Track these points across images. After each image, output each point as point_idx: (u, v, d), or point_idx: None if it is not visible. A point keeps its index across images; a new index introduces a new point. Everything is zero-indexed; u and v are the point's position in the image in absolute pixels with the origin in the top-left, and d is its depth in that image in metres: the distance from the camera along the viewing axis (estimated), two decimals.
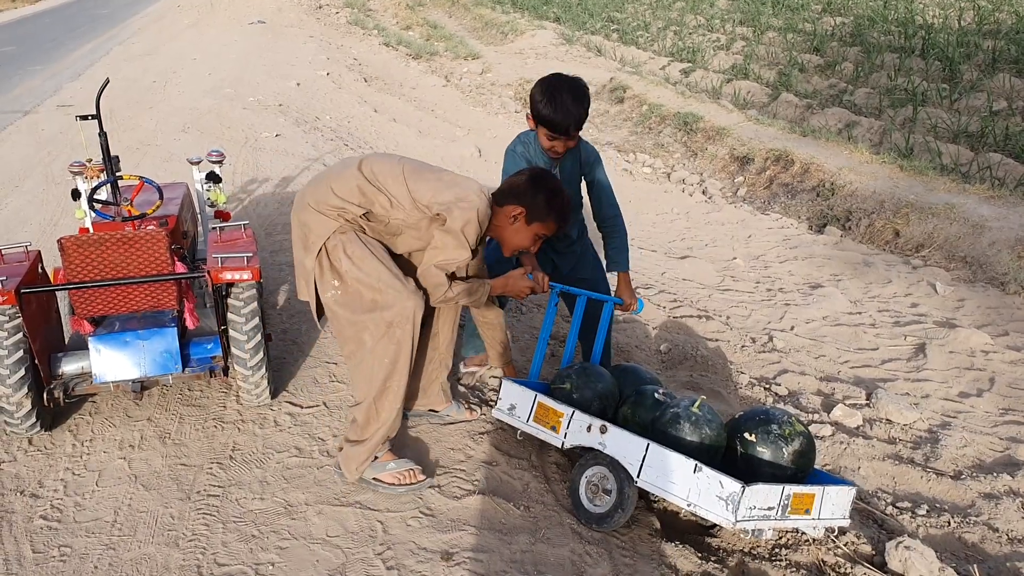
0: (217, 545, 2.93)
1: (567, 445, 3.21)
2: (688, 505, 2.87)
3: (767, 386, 4.68)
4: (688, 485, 2.87)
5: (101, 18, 20.36)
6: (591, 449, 3.15)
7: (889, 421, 4.50)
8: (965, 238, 6.94)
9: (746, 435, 3.08)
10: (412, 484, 3.21)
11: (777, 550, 3.27)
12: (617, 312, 4.35)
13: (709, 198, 8.81)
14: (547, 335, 3.72)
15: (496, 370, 4.08)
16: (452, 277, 3.22)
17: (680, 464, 2.89)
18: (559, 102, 3.43)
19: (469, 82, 13.11)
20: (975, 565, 3.29)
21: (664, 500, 3.10)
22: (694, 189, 9.11)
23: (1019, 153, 8.74)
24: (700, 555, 3.08)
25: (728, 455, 3.13)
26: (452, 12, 21.60)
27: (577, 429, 3.19)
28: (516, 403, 3.39)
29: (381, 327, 3.08)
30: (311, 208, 3.12)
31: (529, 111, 3.58)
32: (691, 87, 12.94)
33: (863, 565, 3.18)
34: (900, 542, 3.20)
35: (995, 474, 4.02)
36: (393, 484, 3.20)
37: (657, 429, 3.13)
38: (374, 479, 3.22)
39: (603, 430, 3.10)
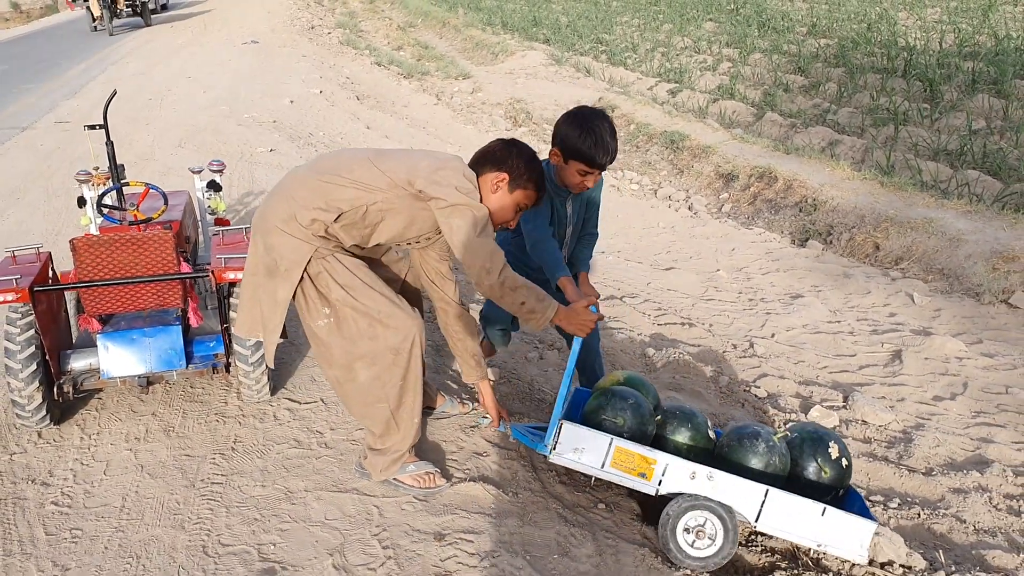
0: (221, 528, 3.09)
1: (662, 492, 3.11)
2: (819, 546, 3.05)
3: (747, 388, 4.86)
4: (816, 527, 3.03)
5: (95, 38, 20.53)
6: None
7: (865, 422, 4.67)
8: (943, 251, 7.15)
9: (819, 461, 3.26)
10: (430, 488, 3.21)
11: (753, 536, 3.43)
12: None
13: (695, 214, 9.01)
14: (574, 366, 3.30)
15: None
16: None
17: (806, 508, 3.02)
18: (598, 136, 3.26)
19: (460, 101, 13.33)
20: (940, 551, 3.46)
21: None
22: (680, 205, 9.31)
23: (996, 170, 8.99)
24: None
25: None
26: (443, 33, 21.86)
27: (676, 477, 3.08)
28: (583, 447, 3.11)
29: (387, 356, 2.97)
30: (279, 231, 2.90)
31: (556, 146, 3.37)
32: (678, 107, 13.18)
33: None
34: None
35: (965, 471, 4.19)
36: (412, 486, 3.21)
37: (744, 465, 3.18)
38: (394, 479, 3.24)
39: (711, 477, 3.05)
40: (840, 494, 3.32)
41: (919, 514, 3.79)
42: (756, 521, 3.07)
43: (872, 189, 8.52)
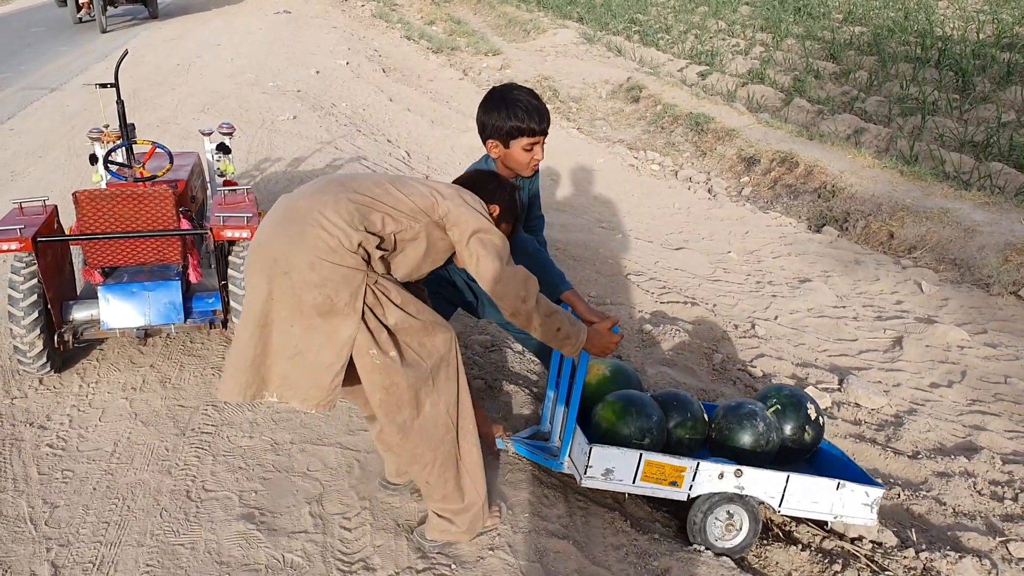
0: (206, 474, 3.20)
1: (692, 496, 3.09)
2: (835, 518, 3.17)
3: (742, 368, 4.89)
4: (832, 501, 3.14)
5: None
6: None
7: (857, 405, 4.69)
8: (956, 241, 7.11)
9: (803, 424, 3.40)
10: (499, 519, 3.01)
11: None
12: None
13: (713, 196, 9.00)
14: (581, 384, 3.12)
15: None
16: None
17: (823, 485, 3.12)
18: (522, 103, 3.10)
19: (487, 77, 13.35)
20: (914, 530, 3.49)
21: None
22: (699, 187, 9.30)
23: (1022, 163, 8.88)
24: (652, 505, 3.32)
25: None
26: (477, 9, 21.83)
27: (706, 479, 3.07)
28: (613, 466, 3.01)
29: (441, 371, 2.71)
30: (326, 263, 2.49)
31: (491, 138, 3.15)
32: (707, 89, 13.11)
33: (807, 524, 3.40)
34: None
35: (952, 456, 4.21)
36: (494, 525, 2.97)
37: (745, 448, 3.26)
38: None
39: (738, 474, 3.08)
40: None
41: (899, 495, 3.82)
42: (780, 506, 3.13)
43: (892, 178, 8.46)
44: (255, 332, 2.60)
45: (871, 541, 3.35)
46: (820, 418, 3.39)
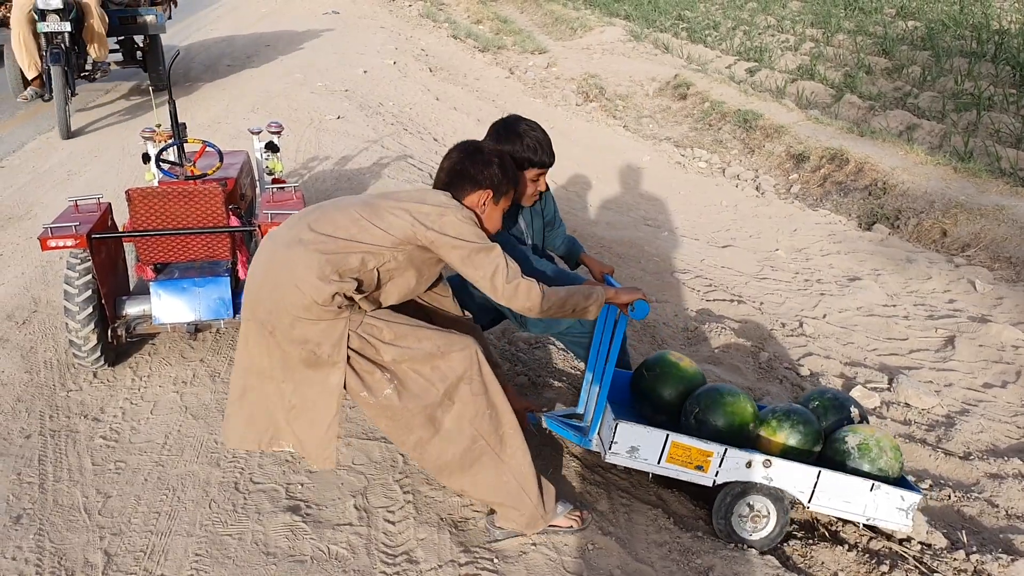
0: (254, 467, 3.25)
1: (718, 482, 3.06)
2: (868, 520, 3.12)
3: (788, 366, 4.84)
4: (865, 502, 3.09)
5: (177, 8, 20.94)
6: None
7: (907, 405, 4.62)
8: (1012, 239, 6.96)
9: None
10: (583, 525, 2.96)
11: None
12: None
13: (761, 193, 8.91)
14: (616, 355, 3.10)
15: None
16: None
17: (856, 485, 3.08)
18: (535, 136, 3.23)
19: (533, 75, 13.35)
20: (965, 532, 3.43)
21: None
22: (746, 184, 9.21)
23: None
24: (695, 502, 3.30)
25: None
26: (524, 8, 21.84)
27: (732, 466, 3.03)
28: (638, 444, 2.99)
29: (462, 389, 2.72)
30: (303, 320, 2.60)
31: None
32: (755, 86, 12.99)
33: (853, 524, 3.36)
34: None
35: (1006, 458, 4.13)
36: (569, 526, 2.94)
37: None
38: (550, 525, 2.94)
39: (767, 464, 3.05)
40: None
41: (950, 496, 3.76)
42: (809, 502, 3.10)
43: (945, 174, 8.32)
44: (256, 382, 2.79)
45: (920, 542, 3.29)
46: (865, 421, 3.35)
